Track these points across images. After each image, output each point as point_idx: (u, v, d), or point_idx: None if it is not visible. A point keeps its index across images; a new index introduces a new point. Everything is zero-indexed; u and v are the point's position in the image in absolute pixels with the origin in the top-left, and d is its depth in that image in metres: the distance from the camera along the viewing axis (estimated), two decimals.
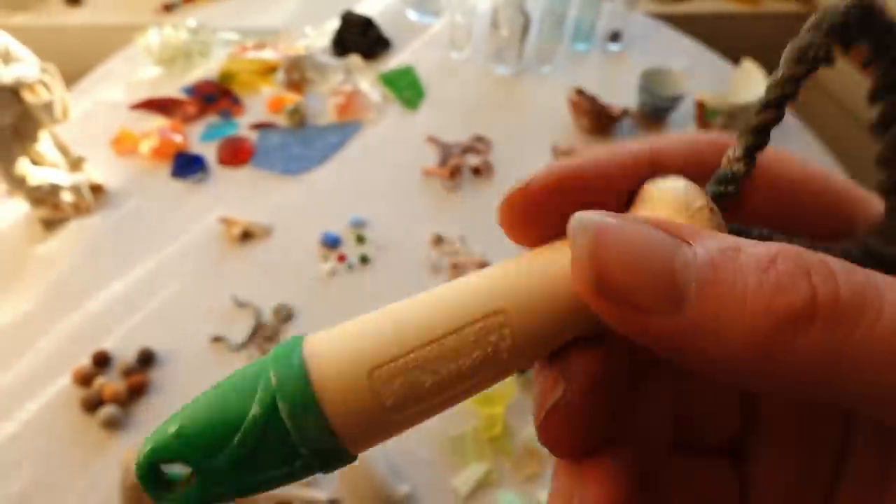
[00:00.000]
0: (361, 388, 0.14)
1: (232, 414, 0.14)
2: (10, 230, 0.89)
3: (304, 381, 0.14)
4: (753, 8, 1.66)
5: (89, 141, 0.98)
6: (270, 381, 0.14)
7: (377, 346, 0.15)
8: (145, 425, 0.73)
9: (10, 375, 0.76)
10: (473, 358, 0.15)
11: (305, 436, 0.14)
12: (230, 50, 1.15)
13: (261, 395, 0.14)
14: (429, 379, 0.14)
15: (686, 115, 1.06)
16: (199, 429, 0.14)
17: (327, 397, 0.14)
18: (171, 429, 0.14)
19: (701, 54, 1.24)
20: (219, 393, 0.15)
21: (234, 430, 0.14)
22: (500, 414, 0.72)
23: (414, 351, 0.14)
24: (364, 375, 0.14)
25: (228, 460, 0.14)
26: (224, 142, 1.01)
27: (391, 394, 0.14)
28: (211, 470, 0.14)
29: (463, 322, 0.15)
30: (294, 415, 0.14)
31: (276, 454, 0.14)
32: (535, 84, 1.15)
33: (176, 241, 0.89)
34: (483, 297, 0.15)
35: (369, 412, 0.14)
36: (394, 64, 1.16)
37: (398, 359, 0.14)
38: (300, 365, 0.14)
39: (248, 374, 0.15)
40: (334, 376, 0.14)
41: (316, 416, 0.14)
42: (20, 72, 0.71)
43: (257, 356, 0.77)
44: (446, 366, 0.15)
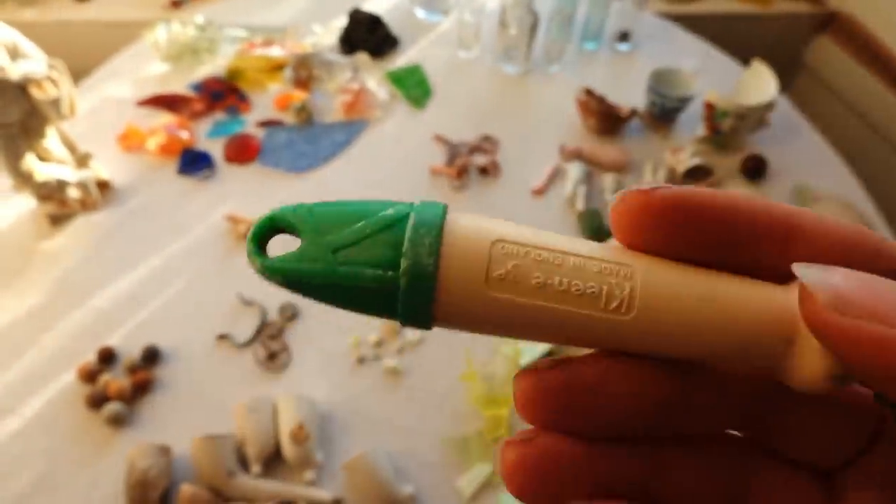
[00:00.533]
0: (480, 245, 0.15)
1: (363, 209, 0.15)
2: (17, 225, 0.89)
3: (441, 214, 0.15)
4: (764, 8, 1.64)
5: (96, 137, 0.98)
6: (412, 204, 0.15)
7: (514, 228, 0.15)
8: (150, 422, 0.73)
9: (16, 371, 0.76)
10: (588, 287, 0.15)
11: (413, 250, 0.14)
12: (238, 47, 1.15)
13: (400, 207, 0.15)
14: (539, 277, 0.15)
15: (695, 116, 1.05)
16: (330, 208, 0.15)
17: (450, 235, 0.15)
18: (308, 203, 0.15)
19: (710, 55, 1.23)
20: (360, 201, 0.16)
21: (359, 218, 0.15)
22: (505, 416, 0.72)
23: (541, 248, 0.15)
24: (489, 237, 0.15)
25: (337, 240, 0.15)
26: (231, 139, 1.00)
27: (500, 268, 0.15)
28: (315, 245, 0.15)
29: (594, 253, 0.15)
30: (417, 228, 0.15)
31: (379, 254, 0.15)
32: (543, 83, 1.15)
33: (182, 239, 0.89)
34: (617, 249, 0.15)
35: (473, 268, 0.15)
36: (401, 62, 1.16)
37: (525, 244, 0.15)
38: (443, 208, 0.15)
39: (391, 201, 0.16)
40: (465, 224, 0.15)
41: (432, 239, 0.14)
42: (28, 68, 0.71)
43: (262, 354, 0.77)
44: (560, 276, 0.15)
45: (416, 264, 0.14)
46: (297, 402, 0.70)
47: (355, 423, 0.73)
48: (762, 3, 1.65)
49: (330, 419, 0.73)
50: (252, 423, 0.69)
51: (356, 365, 0.77)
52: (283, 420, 0.69)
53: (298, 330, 0.80)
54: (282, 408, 0.70)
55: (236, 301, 0.82)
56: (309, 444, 0.68)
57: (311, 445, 0.68)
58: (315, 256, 0.15)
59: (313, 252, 0.15)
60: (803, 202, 0.95)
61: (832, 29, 1.67)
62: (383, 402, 0.75)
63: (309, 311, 0.82)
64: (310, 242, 0.15)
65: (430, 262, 0.14)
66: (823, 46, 1.70)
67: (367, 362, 0.78)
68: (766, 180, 1.00)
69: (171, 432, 0.71)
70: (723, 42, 1.30)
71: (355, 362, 0.77)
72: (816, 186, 0.98)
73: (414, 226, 0.15)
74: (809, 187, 0.97)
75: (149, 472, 0.65)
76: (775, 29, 1.68)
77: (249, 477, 0.67)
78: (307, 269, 0.15)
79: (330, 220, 0.15)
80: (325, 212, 0.15)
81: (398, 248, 0.14)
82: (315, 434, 0.69)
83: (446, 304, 0.15)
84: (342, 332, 0.80)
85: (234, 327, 0.80)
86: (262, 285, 0.83)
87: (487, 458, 0.71)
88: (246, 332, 0.79)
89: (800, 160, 1.03)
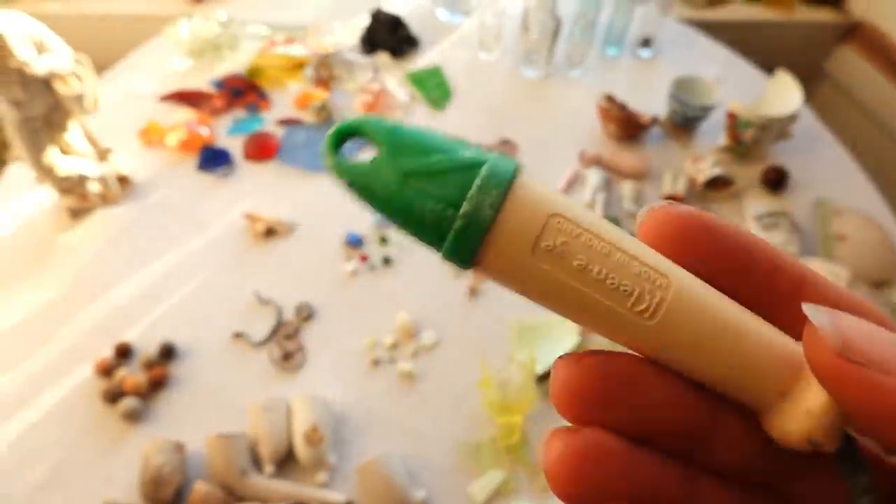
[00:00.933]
0: (539, 213, 0.15)
1: (443, 145, 0.16)
2: (38, 217, 0.90)
3: (513, 172, 0.16)
4: (787, 16, 1.63)
5: (117, 131, 0.99)
6: (490, 155, 0.16)
7: (575, 210, 0.16)
8: (165, 418, 0.73)
9: (34, 363, 0.77)
10: (622, 284, 0.15)
11: (478, 198, 0.15)
12: (259, 44, 1.15)
13: (475, 154, 0.16)
14: (582, 261, 0.15)
15: (716, 125, 1.04)
16: (412, 133, 0.16)
17: (515, 194, 0.15)
18: (392, 122, 0.16)
19: (733, 62, 1.22)
20: (444, 136, 0.16)
21: (436, 152, 0.16)
22: (519, 423, 0.72)
23: (593, 235, 0.16)
24: (549, 209, 0.15)
25: (411, 165, 0.15)
26: (250, 136, 1.01)
27: (550, 240, 0.15)
28: (390, 163, 0.16)
29: (639, 255, 0.16)
30: (489, 178, 0.15)
31: (447, 191, 0.15)
32: (564, 88, 1.14)
33: (200, 235, 0.89)
34: (664, 259, 0.16)
35: (525, 232, 0.15)
36: (422, 63, 1.16)
37: (579, 226, 0.16)
38: (517, 166, 0.16)
39: (475, 146, 0.16)
40: (531, 189, 0.16)
41: (498, 193, 0.15)
42: (54, 63, 0.72)
43: (277, 354, 0.77)
44: (600, 266, 0.15)
45: (476, 212, 0.15)
46: (312, 403, 0.70)
47: (369, 426, 0.73)
48: (785, 11, 1.63)
49: (344, 421, 0.73)
50: (266, 422, 0.69)
51: (371, 367, 0.77)
52: (297, 421, 0.69)
53: (314, 330, 0.80)
54: (296, 408, 0.70)
55: (253, 299, 0.82)
56: (322, 446, 0.68)
57: (324, 447, 0.68)
58: (387, 174, 0.15)
59: (386, 170, 0.16)
60: (824, 216, 0.94)
61: (855, 38, 1.65)
62: (397, 406, 0.75)
63: (325, 312, 0.82)
64: (385, 159, 0.16)
65: (490, 214, 0.15)
66: (846, 55, 1.68)
67: (381, 365, 0.78)
68: (787, 192, 0.99)
69: (186, 429, 0.71)
70: (745, 49, 1.29)
71: (370, 364, 0.77)
72: (838, 200, 0.96)
73: (486, 175, 0.15)
74: (830, 201, 0.96)
75: (163, 468, 0.65)
76: (798, 37, 1.66)
77: (262, 477, 0.67)
78: (376, 184, 0.16)
79: (409, 143, 0.16)
80: (408, 134, 0.16)
81: (465, 190, 0.15)
82: (329, 436, 0.69)
83: (490, 256, 0.15)
84: (357, 333, 0.80)
85: (250, 326, 0.80)
86: (278, 284, 0.83)
87: (500, 466, 0.71)
88: (262, 331, 0.80)
89: (822, 172, 1.02)
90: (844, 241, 0.90)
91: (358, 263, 0.86)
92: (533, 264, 0.15)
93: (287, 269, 0.86)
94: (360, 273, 0.86)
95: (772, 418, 0.16)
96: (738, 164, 1.02)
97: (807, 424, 0.15)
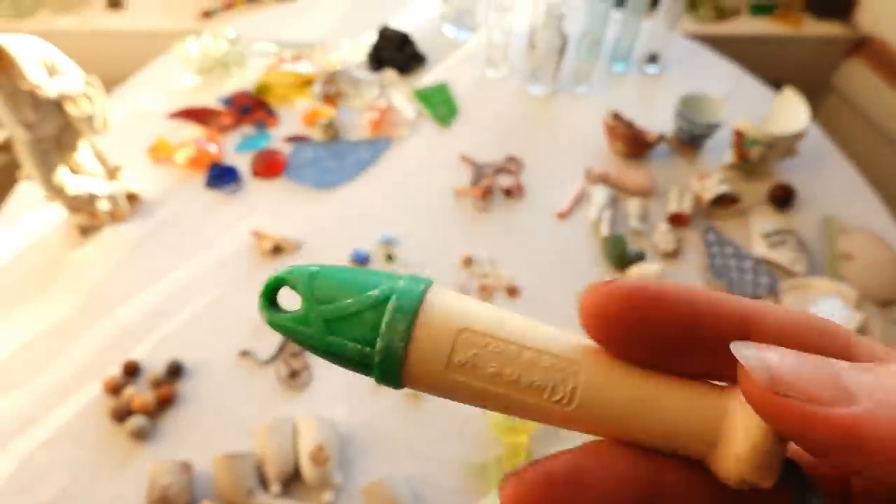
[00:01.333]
0: (447, 332, 0.17)
1: (354, 284, 0.18)
2: (49, 235, 0.91)
3: (419, 298, 0.17)
4: (796, 30, 1.63)
5: (127, 148, 1.00)
6: (398, 285, 0.18)
7: (481, 319, 0.17)
8: (172, 437, 0.73)
9: (44, 381, 0.77)
10: (535, 381, 0.17)
11: (388, 334, 0.17)
12: (267, 61, 1.16)
13: (385, 287, 0.17)
14: (494, 367, 0.17)
15: (723, 142, 1.04)
16: (329, 278, 0.18)
17: (423, 320, 0.17)
18: (312, 269, 0.18)
19: (740, 78, 1.22)
20: (357, 272, 0.18)
21: (350, 294, 0.17)
22: (524, 443, 0.72)
23: (501, 340, 0.17)
24: (457, 324, 0.17)
25: (330, 312, 0.17)
26: (258, 154, 1.01)
27: (462, 354, 0.17)
28: (311, 311, 0.18)
29: (548, 348, 0.17)
30: (395, 312, 0.17)
31: (361, 332, 0.17)
32: (570, 104, 1.14)
33: (208, 253, 0.90)
34: (571, 345, 0.17)
35: (437, 353, 0.17)
36: (429, 80, 1.16)
37: (487, 337, 0.17)
38: (423, 290, 0.17)
39: (384, 274, 0.18)
40: (440, 308, 0.17)
41: (405, 326, 0.17)
42: (65, 85, 0.72)
43: (284, 372, 0.78)
44: (512, 369, 0.17)
45: (388, 346, 0.17)
46: (318, 422, 0.71)
47: (374, 446, 0.73)
48: (793, 25, 1.64)
49: (349, 440, 0.73)
50: (273, 442, 0.69)
51: (377, 386, 0.77)
52: (303, 440, 0.69)
53: None
54: (302, 428, 0.70)
55: (259, 317, 0.82)
56: (328, 466, 0.68)
57: (330, 467, 0.68)
58: (311, 322, 0.18)
59: (309, 318, 0.18)
60: (831, 234, 0.93)
61: (863, 52, 1.65)
62: (403, 425, 0.75)
63: None
64: (307, 308, 0.18)
65: (401, 346, 0.17)
66: (853, 69, 1.68)
67: None
68: (794, 210, 0.99)
69: (192, 448, 0.72)
70: (753, 62, 1.29)
71: (376, 384, 0.77)
72: (845, 217, 0.96)
73: (393, 310, 0.17)
74: (837, 219, 0.96)
75: (169, 488, 0.66)
76: (806, 51, 1.66)
77: (268, 496, 0.67)
78: (302, 332, 0.18)
79: (327, 289, 0.18)
80: (325, 281, 0.18)
81: (377, 328, 0.17)
82: (335, 456, 0.69)
83: (413, 378, 0.17)
84: None
85: (257, 344, 0.80)
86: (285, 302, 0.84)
87: None
88: (268, 349, 0.80)
89: (829, 190, 1.02)
90: (851, 261, 0.89)
91: None
92: (451, 378, 0.17)
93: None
94: None
95: (711, 464, 0.17)
96: (745, 181, 1.02)
97: (737, 469, 0.16)
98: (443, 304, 0.17)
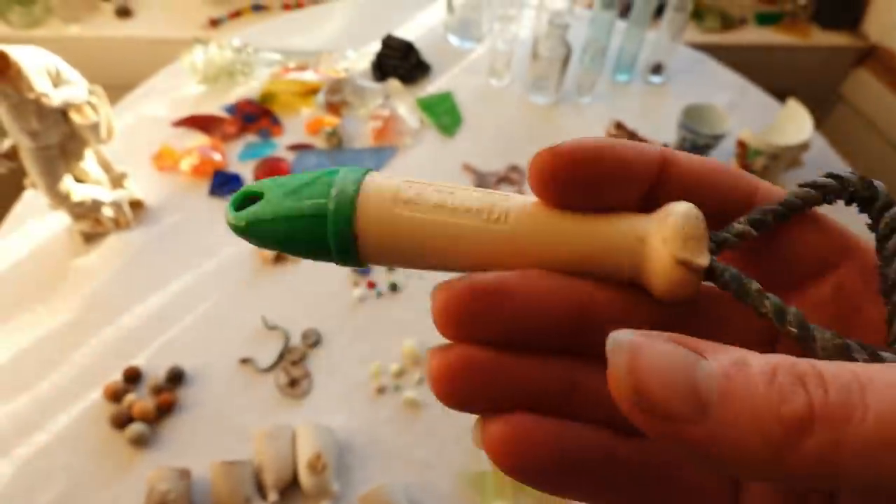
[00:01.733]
0: (391, 182, 0.18)
1: (311, 173, 0.19)
2: (53, 241, 0.92)
3: (364, 170, 0.19)
4: (803, 40, 1.63)
5: (132, 156, 1.00)
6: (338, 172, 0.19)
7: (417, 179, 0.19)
8: (171, 444, 0.74)
9: (46, 386, 0.78)
10: (473, 206, 0.18)
11: (341, 183, 0.18)
12: (272, 70, 1.17)
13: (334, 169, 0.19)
14: (436, 198, 0.18)
15: (726, 153, 1.04)
16: (286, 177, 0.19)
17: (370, 177, 0.19)
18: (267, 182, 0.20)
19: (745, 89, 1.22)
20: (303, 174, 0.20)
21: (306, 177, 0.19)
22: None
23: (437, 184, 0.19)
24: (399, 180, 0.19)
25: (289, 186, 0.19)
26: (262, 162, 1.02)
27: (406, 194, 0.18)
28: (272, 196, 0.19)
29: (475, 188, 0.19)
30: (346, 173, 0.19)
31: (317, 189, 0.18)
32: (574, 114, 1.15)
33: (210, 260, 0.90)
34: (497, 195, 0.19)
35: (384, 195, 0.18)
36: (433, 89, 1.17)
37: (427, 184, 0.19)
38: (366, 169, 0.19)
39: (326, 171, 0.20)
40: (381, 175, 0.19)
41: (355, 177, 0.18)
42: (69, 94, 0.73)
43: (284, 380, 0.78)
44: (452, 199, 0.18)
45: (341, 191, 0.18)
46: (316, 430, 0.71)
47: (373, 454, 0.73)
48: (801, 35, 1.63)
49: (348, 449, 0.73)
50: (271, 450, 0.69)
51: (376, 394, 0.77)
52: (301, 448, 0.69)
53: (320, 356, 0.81)
54: (300, 436, 0.71)
55: (260, 325, 0.83)
56: (326, 474, 0.68)
57: (328, 475, 0.68)
58: (269, 201, 0.19)
59: (270, 200, 0.19)
60: None
61: (871, 62, 1.64)
62: (402, 434, 0.75)
63: (331, 338, 0.82)
64: (268, 197, 0.19)
65: (354, 188, 0.18)
66: (862, 79, 1.67)
67: (387, 392, 0.78)
68: None
69: (192, 455, 0.72)
70: (760, 72, 1.29)
71: (375, 392, 0.78)
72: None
73: (344, 171, 0.19)
74: None
75: (168, 495, 0.66)
76: (814, 61, 1.66)
77: None
78: (261, 210, 0.19)
79: (286, 182, 0.19)
80: (284, 178, 0.19)
81: (331, 186, 0.18)
82: (332, 464, 0.69)
83: (365, 223, 0.18)
84: (363, 360, 0.80)
85: (257, 351, 0.81)
86: (286, 310, 0.84)
87: (504, 495, 0.70)
88: (269, 356, 0.80)
89: None
90: None
91: (365, 290, 0.87)
92: (399, 215, 0.18)
93: (295, 295, 0.87)
94: (367, 299, 0.86)
95: (643, 274, 0.17)
96: None
97: (668, 252, 0.17)
98: (383, 175, 0.19)
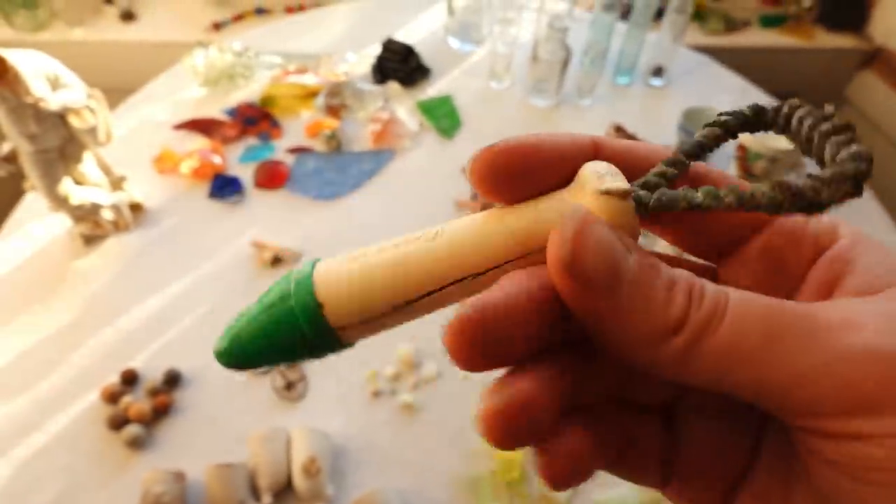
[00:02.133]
0: (339, 260, 0.20)
1: (271, 306, 0.20)
2: (53, 243, 0.92)
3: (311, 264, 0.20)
4: (808, 42, 1.62)
5: (133, 158, 1.01)
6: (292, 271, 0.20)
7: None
8: (167, 446, 0.74)
9: (44, 387, 0.78)
10: (410, 236, 0.19)
11: (295, 282, 0.20)
12: (273, 73, 1.17)
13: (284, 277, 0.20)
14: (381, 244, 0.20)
15: (726, 157, 1.04)
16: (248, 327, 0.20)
17: (319, 266, 0.20)
18: (233, 329, 0.20)
19: (746, 92, 1.21)
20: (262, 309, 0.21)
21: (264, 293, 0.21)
22: (519, 458, 0.71)
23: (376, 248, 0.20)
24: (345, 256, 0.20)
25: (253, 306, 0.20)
26: (261, 165, 1.02)
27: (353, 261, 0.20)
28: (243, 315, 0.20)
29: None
30: (298, 272, 0.20)
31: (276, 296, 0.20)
32: (574, 117, 1.14)
33: (208, 263, 0.91)
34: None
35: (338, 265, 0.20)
36: (433, 92, 1.17)
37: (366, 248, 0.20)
38: (312, 263, 0.20)
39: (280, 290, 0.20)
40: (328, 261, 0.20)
41: (307, 269, 0.20)
42: (68, 98, 0.74)
43: (280, 383, 0.78)
44: (390, 244, 0.19)
45: (299, 272, 0.20)
46: (311, 434, 0.71)
47: (368, 458, 0.73)
48: (805, 38, 1.62)
49: (343, 452, 0.73)
50: (266, 453, 0.69)
51: (372, 398, 0.77)
52: (295, 452, 0.70)
53: (317, 360, 0.81)
54: (295, 439, 0.71)
55: None
56: (320, 478, 0.68)
57: (322, 479, 0.68)
58: (241, 317, 0.20)
59: (241, 316, 0.20)
60: None
61: (876, 64, 1.63)
62: (397, 438, 0.75)
63: None
64: (239, 317, 0.20)
65: (309, 267, 0.20)
66: (867, 81, 1.66)
67: (382, 396, 0.78)
68: None
69: (187, 457, 0.72)
70: (764, 74, 1.28)
71: (371, 395, 0.78)
72: None
73: (294, 272, 0.20)
74: None
75: (162, 497, 0.66)
76: (818, 63, 1.65)
77: None
78: (235, 324, 0.20)
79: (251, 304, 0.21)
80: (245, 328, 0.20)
81: (289, 277, 0.20)
82: (327, 467, 0.69)
83: (324, 286, 0.19)
84: (359, 364, 0.80)
85: None
86: None
87: (499, 500, 0.70)
88: None
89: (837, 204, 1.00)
90: None
91: None
92: (351, 269, 0.19)
93: None
94: None
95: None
96: None
97: (589, 190, 0.18)
98: (329, 260, 0.20)
